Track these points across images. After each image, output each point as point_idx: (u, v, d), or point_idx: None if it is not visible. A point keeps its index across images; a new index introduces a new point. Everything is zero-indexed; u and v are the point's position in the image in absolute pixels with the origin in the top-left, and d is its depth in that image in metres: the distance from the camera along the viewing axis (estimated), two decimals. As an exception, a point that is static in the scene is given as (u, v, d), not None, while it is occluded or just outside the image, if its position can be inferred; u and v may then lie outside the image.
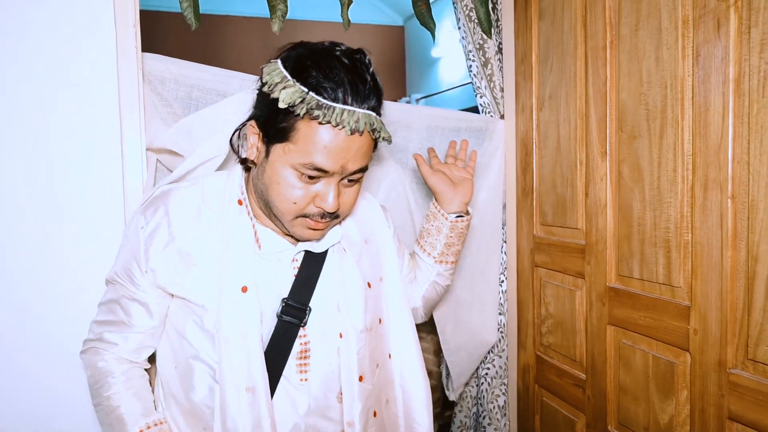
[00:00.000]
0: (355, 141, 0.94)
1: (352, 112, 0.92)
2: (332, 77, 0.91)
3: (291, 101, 0.90)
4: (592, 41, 1.46)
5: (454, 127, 1.85)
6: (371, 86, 0.95)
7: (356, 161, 0.97)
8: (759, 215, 1.06)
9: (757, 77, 1.05)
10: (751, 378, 1.09)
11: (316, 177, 0.96)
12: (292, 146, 0.94)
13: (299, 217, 1.00)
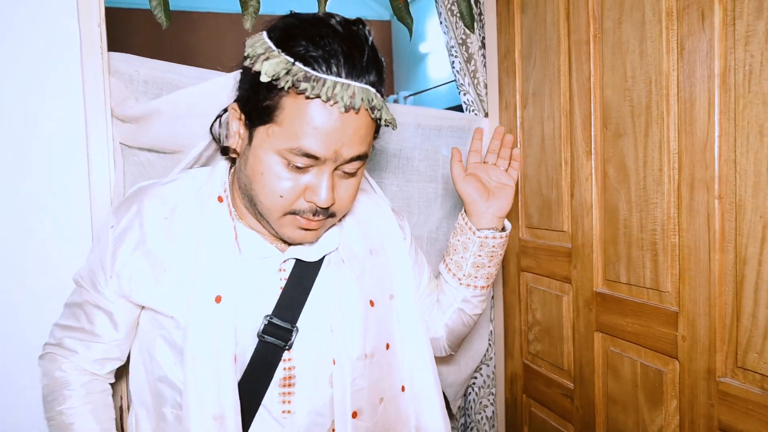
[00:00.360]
0: (351, 121, 0.83)
1: (346, 86, 0.80)
2: (323, 46, 0.81)
3: (275, 73, 0.79)
4: (575, 35, 1.44)
5: (436, 125, 1.83)
6: (370, 58, 0.84)
7: (353, 146, 0.85)
8: (747, 216, 1.05)
9: (743, 71, 1.04)
10: (741, 387, 1.08)
11: (306, 166, 0.85)
12: (278, 128, 0.83)
13: (288, 215, 0.89)
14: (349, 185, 0.92)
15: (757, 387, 1.05)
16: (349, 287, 1.01)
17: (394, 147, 1.78)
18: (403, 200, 1.76)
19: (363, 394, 0.99)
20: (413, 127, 1.79)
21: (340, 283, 1.01)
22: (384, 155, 1.77)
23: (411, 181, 1.78)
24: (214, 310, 0.90)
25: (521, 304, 1.75)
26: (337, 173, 0.89)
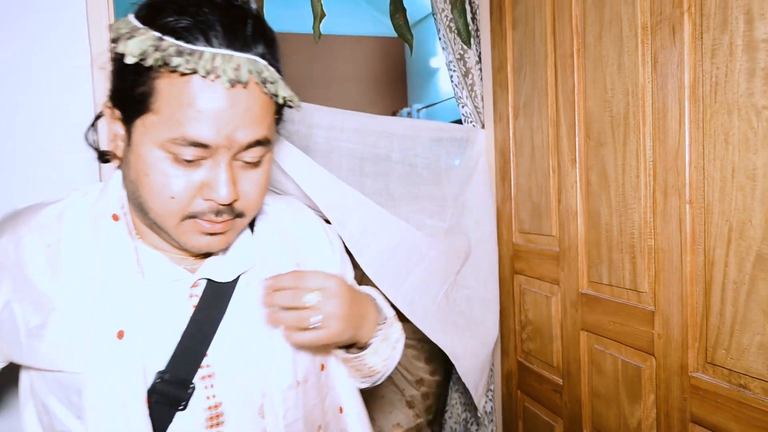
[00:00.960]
0: (241, 98, 0.68)
1: (228, 57, 0.66)
2: (197, 16, 0.67)
3: (141, 51, 0.65)
4: (561, 49, 1.47)
5: (436, 137, 1.87)
6: (255, 29, 0.70)
7: (248, 128, 0.70)
8: (714, 220, 1.06)
9: (710, 83, 1.06)
10: (711, 381, 1.09)
11: (196, 158, 0.69)
12: (155, 117, 0.68)
13: (186, 219, 0.72)
14: (255, 177, 0.76)
15: (726, 381, 1.07)
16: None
17: (398, 155, 1.82)
18: (410, 198, 1.78)
19: (298, 426, 0.84)
20: (414, 138, 1.83)
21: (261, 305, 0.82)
22: (389, 162, 1.81)
23: (417, 184, 1.81)
24: (117, 348, 0.72)
25: (515, 306, 1.77)
26: (237, 164, 0.73)
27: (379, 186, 1.74)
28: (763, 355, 0.99)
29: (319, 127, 1.72)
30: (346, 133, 1.75)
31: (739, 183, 1.01)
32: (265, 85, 0.70)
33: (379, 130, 1.79)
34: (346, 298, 0.82)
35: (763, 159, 0.96)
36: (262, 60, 0.70)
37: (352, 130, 1.76)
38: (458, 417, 2.09)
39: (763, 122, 0.96)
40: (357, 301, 0.86)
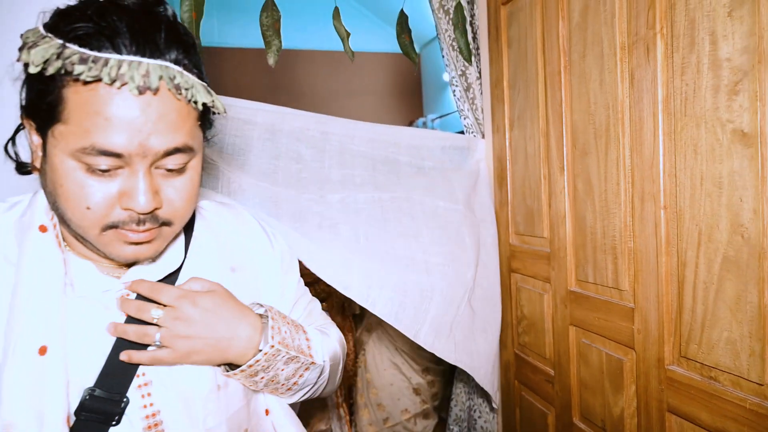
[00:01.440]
0: (152, 105, 0.62)
1: (136, 63, 0.60)
2: (104, 23, 0.60)
3: (43, 59, 0.58)
4: (550, 67, 1.48)
5: (440, 145, 1.88)
6: (170, 35, 0.64)
7: (163, 135, 0.63)
8: (685, 224, 1.07)
9: (680, 98, 1.06)
10: (684, 374, 1.09)
11: (111, 168, 0.63)
12: (64, 127, 0.61)
13: (108, 230, 0.66)
14: (180, 184, 0.69)
15: (698, 374, 1.07)
16: None
17: (405, 159, 1.83)
18: (423, 188, 1.78)
19: (221, 430, 0.77)
20: (419, 146, 1.85)
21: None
22: (397, 164, 1.82)
23: (427, 178, 1.81)
24: (37, 364, 0.65)
25: (512, 302, 1.78)
26: (158, 171, 0.66)
27: (391, 180, 1.75)
28: (731, 350, 0.99)
29: (332, 134, 1.75)
30: (356, 140, 1.78)
31: (707, 190, 1.01)
32: (179, 91, 0.63)
33: (387, 140, 1.81)
34: (204, 320, 0.74)
35: (728, 168, 0.96)
36: (176, 66, 0.63)
37: (362, 138, 1.78)
38: (463, 405, 2.10)
39: (727, 134, 0.96)
40: (225, 323, 0.76)
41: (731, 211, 0.96)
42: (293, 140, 1.70)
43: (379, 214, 1.65)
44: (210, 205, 0.92)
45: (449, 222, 1.73)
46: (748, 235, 0.93)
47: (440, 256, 1.65)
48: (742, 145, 0.93)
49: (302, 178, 1.67)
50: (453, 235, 1.72)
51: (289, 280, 0.96)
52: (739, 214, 0.95)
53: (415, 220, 1.67)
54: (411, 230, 1.64)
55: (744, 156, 0.93)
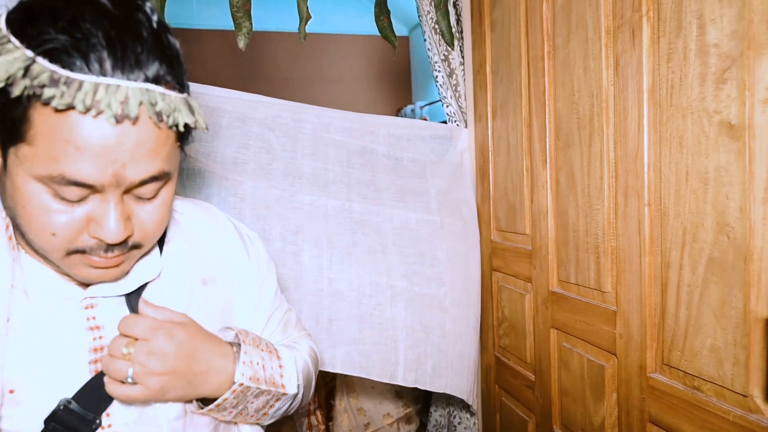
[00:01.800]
0: (130, 133, 0.57)
1: (114, 88, 0.54)
2: (77, 30, 0.54)
3: (8, 74, 0.52)
4: (533, 51, 1.44)
5: (419, 135, 1.85)
6: (150, 43, 0.57)
7: (140, 164, 0.59)
8: (669, 222, 1.04)
9: (666, 87, 1.03)
10: (667, 382, 1.07)
11: (80, 198, 0.59)
12: (29, 149, 0.56)
13: (73, 254, 0.62)
14: (153, 208, 0.65)
15: (680, 383, 1.04)
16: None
17: (383, 149, 1.80)
18: (396, 191, 1.76)
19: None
20: (398, 136, 1.81)
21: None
22: (374, 155, 1.79)
23: (403, 177, 1.79)
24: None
25: (493, 302, 1.75)
26: (128, 197, 0.62)
27: (366, 177, 1.72)
28: (714, 359, 0.96)
29: (306, 122, 1.72)
30: (332, 128, 1.74)
31: (693, 186, 0.98)
32: (160, 118, 0.58)
33: (365, 129, 1.78)
34: (179, 355, 0.70)
35: (714, 163, 0.93)
36: (157, 87, 0.57)
37: (337, 126, 1.75)
38: (443, 410, 2.08)
39: (714, 126, 0.93)
40: (200, 357, 0.72)
41: (717, 210, 0.93)
42: (264, 129, 1.66)
43: (348, 226, 1.64)
44: (184, 206, 0.87)
45: (421, 237, 1.72)
46: (734, 236, 0.90)
47: (405, 279, 1.64)
48: (729, 138, 0.90)
49: (272, 170, 1.64)
50: (425, 250, 1.71)
51: (265, 293, 0.92)
52: (725, 212, 0.92)
53: (383, 237, 1.66)
54: (378, 246, 1.64)
55: (731, 150, 0.90)
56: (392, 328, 1.60)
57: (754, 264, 0.88)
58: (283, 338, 0.95)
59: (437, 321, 1.66)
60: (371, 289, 1.60)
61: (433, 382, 1.63)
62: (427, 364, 1.63)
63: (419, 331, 1.63)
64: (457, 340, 1.71)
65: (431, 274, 1.69)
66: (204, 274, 0.82)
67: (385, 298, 1.60)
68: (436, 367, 1.64)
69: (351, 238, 1.61)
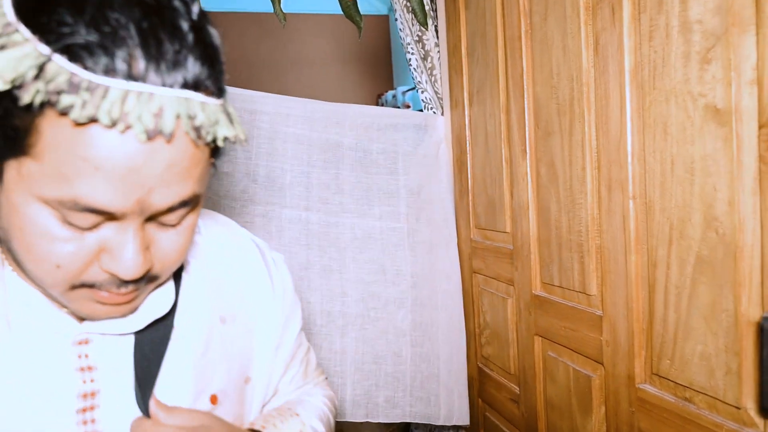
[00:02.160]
0: (162, 152, 0.50)
1: (147, 96, 0.47)
2: (105, 26, 0.46)
3: (15, 76, 0.44)
4: (510, 30, 1.42)
5: (391, 123, 1.82)
6: (193, 39, 0.50)
7: (169, 188, 0.53)
8: (656, 217, 1.02)
9: (648, 68, 1.01)
10: (657, 394, 1.06)
11: (93, 225, 0.53)
12: (35, 165, 0.49)
13: (79, 288, 0.56)
14: (177, 236, 0.59)
15: (671, 394, 1.03)
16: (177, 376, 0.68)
17: (350, 141, 1.77)
18: (361, 192, 1.74)
19: None
20: (368, 125, 1.79)
21: (163, 370, 0.66)
22: (340, 149, 1.77)
23: (369, 173, 1.76)
24: None
25: (474, 307, 1.74)
26: (150, 224, 0.56)
27: (328, 177, 1.70)
28: (705, 367, 0.95)
29: (262, 113, 1.69)
30: (292, 119, 1.72)
31: (679, 177, 0.97)
32: (198, 134, 0.51)
33: (329, 119, 1.75)
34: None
35: (701, 151, 0.92)
36: (197, 95, 0.50)
37: (298, 116, 1.72)
38: (424, 427, 2.06)
39: (699, 110, 0.92)
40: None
41: (704, 202, 0.92)
42: None
43: (303, 241, 1.64)
44: (202, 223, 0.79)
45: (385, 248, 1.71)
46: (723, 231, 0.89)
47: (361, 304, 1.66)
48: (715, 123, 0.89)
49: (224, 175, 1.63)
50: (388, 265, 1.70)
51: (289, 331, 0.87)
52: (713, 205, 0.91)
53: (342, 252, 1.67)
54: (335, 264, 1.65)
55: (717, 136, 0.89)
56: (341, 363, 1.62)
57: (744, 262, 0.87)
58: (303, 383, 0.92)
59: (393, 349, 1.67)
60: (322, 319, 1.62)
61: (387, 413, 1.66)
62: (378, 396, 1.64)
63: (370, 362, 1.64)
64: (420, 363, 1.71)
65: (390, 295, 1.69)
66: (223, 310, 0.75)
67: (336, 329, 1.62)
68: (389, 398, 1.66)
69: (305, 257, 1.63)
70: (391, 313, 1.69)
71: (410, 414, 1.69)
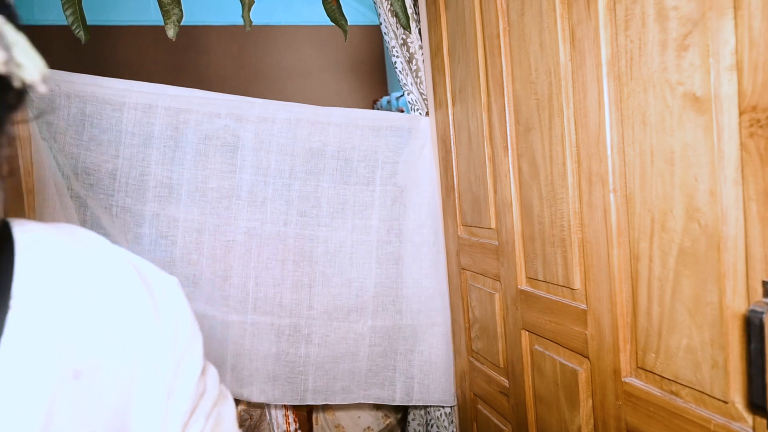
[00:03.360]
0: None
1: None
2: None
3: None
4: (488, 29, 1.35)
5: (374, 126, 1.75)
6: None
7: None
8: (637, 210, 0.95)
9: (625, 58, 0.94)
10: (643, 388, 0.98)
11: None
12: None
13: None
14: None
15: (657, 388, 0.96)
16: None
17: (333, 149, 1.71)
18: (338, 204, 1.69)
19: None
20: (351, 128, 1.72)
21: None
22: (322, 158, 1.70)
23: (348, 184, 1.70)
24: None
25: (463, 302, 1.67)
26: None
27: (308, 189, 1.65)
28: (691, 360, 0.88)
29: (248, 121, 1.63)
30: (277, 124, 1.65)
31: (659, 168, 0.89)
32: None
33: (313, 120, 1.68)
34: None
35: (680, 141, 0.84)
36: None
37: (283, 120, 1.65)
38: (421, 419, 1.99)
39: (677, 99, 0.84)
40: None
41: (685, 193, 0.85)
42: (200, 137, 1.58)
43: (280, 256, 1.67)
44: (43, 235, 0.53)
45: (354, 262, 1.73)
46: (705, 222, 0.82)
47: (326, 316, 1.71)
48: (694, 112, 0.81)
49: (207, 191, 1.59)
50: (353, 278, 1.73)
51: (184, 379, 0.58)
52: (695, 196, 0.83)
53: (314, 266, 1.70)
54: (306, 279, 1.69)
55: (697, 125, 0.81)
56: (303, 365, 1.71)
57: (728, 253, 0.79)
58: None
59: (351, 350, 1.74)
60: (290, 330, 1.69)
61: (343, 397, 1.76)
62: (336, 386, 1.73)
63: (330, 362, 1.72)
64: (377, 359, 1.76)
65: (353, 305, 1.73)
66: (77, 361, 0.49)
67: (302, 337, 1.69)
68: (345, 387, 1.75)
69: (280, 273, 1.66)
70: (353, 321, 1.74)
71: (364, 396, 1.77)
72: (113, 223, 1.57)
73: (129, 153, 1.55)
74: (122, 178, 1.56)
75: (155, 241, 1.59)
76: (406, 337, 1.77)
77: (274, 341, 1.68)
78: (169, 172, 1.57)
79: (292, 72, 5.00)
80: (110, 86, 1.49)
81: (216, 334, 1.65)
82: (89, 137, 1.51)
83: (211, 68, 4.60)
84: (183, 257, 1.61)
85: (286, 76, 4.96)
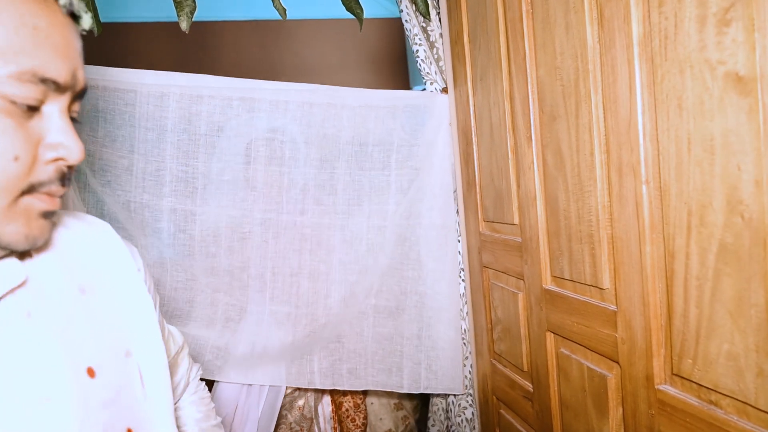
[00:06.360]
0: (73, 28, 0.56)
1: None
2: None
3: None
4: (510, 12, 1.28)
5: (391, 106, 1.70)
6: None
7: (81, 70, 0.57)
8: (672, 202, 0.88)
9: (659, 37, 0.87)
10: (679, 396, 0.91)
11: (39, 103, 0.52)
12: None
13: (26, 195, 0.53)
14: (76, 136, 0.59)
15: (694, 397, 0.89)
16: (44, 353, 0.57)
17: (347, 134, 1.67)
18: (354, 191, 1.65)
19: None
20: (366, 109, 1.68)
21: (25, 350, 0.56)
22: (337, 144, 1.66)
23: (364, 169, 1.66)
24: None
25: (485, 302, 1.60)
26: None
27: (324, 177, 1.62)
28: (733, 368, 0.80)
29: (260, 110, 1.60)
30: (290, 113, 1.62)
31: (697, 157, 0.82)
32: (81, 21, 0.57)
33: (327, 104, 1.64)
34: None
35: (721, 126, 0.77)
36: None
37: (297, 104, 1.62)
38: (441, 425, 1.94)
39: (718, 81, 0.77)
40: None
41: (727, 184, 0.78)
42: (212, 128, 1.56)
43: (296, 246, 1.66)
44: (62, 212, 0.75)
45: (371, 247, 1.70)
46: (750, 215, 0.75)
47: (341, 303, 1.71)
48: (737, 93, 0.74)
49: (223, 183, 1.58)
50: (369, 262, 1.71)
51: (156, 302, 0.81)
52: (738, 187, 0.76)
53: (331, 254, 1.69)
54: (323, 267, 1.68)
55: (741, 108, 0.74)
56: (309, 346, 1.68)
57: (775, 250, 0.72)
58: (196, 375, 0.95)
59: (355, 330, 1.72)
60: (306, 319, 1.67)
61: (351, 383, 1.73)
62: (342, 368, 1.70)
63: (334, 342, 1.70)
64: (382, 341, 1.74)
65: (362, 288, 1.71)
66: (81, 282, 0.66)
67: (319, 327, 1.68)
68: (352, 369, 1.72)
69: (297, 262, 1.65)
70: (360, 302, 1.71)
71: (372, 383, 1.74)
72: (131, 218, 1.55)
73: (144, 148, 1.54)
74: (138, 174, 1.55)
75: (174, 235, 1.58)
76: (411, 320, 1.74)
77: (290, 331, 1.67)
78: (184, 166, 1.55)
79: (311, 67, 4.96)
80: (120, 79, 1.48)
81: (231, 325, 1.65)
82: (104, 134, 1.50)
83: (227, 65, 4.60)
84: (201, 250, 1.60)
85: (306, 72, 4.93)
